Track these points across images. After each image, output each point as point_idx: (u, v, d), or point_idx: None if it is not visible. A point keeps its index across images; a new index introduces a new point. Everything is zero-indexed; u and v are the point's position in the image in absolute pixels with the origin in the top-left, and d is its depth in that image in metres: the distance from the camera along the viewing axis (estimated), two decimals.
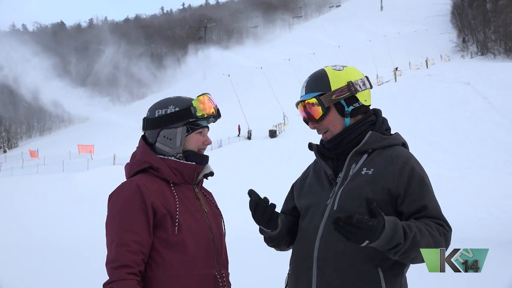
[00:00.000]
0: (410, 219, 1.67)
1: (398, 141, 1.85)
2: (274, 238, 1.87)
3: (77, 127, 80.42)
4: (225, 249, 2.02)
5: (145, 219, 1.82)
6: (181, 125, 1.96)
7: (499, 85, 33.43)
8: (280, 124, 37.51)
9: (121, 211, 1.83)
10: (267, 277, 2.62)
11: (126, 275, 1.73)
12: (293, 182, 2.07)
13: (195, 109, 1.97)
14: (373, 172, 1.74)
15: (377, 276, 1.65)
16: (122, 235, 1.78)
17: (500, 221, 12.56)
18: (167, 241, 1.83)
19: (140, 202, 1.83)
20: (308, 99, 1.86)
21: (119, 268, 1.73)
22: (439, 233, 1.62)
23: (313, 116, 1.85)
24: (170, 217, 1.85)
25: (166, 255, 1.82)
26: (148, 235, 1.82)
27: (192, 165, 1.95)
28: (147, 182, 1.88)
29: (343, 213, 1.55)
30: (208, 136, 2.05)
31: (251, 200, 1.75)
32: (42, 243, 12.38)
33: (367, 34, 69.36)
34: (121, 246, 1.77)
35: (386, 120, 1.93)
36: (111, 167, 30.43)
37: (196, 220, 1.91)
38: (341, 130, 1.84)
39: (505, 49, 77.95)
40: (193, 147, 1.99)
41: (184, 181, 1.95)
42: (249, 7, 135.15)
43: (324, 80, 1.86)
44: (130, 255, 1.75)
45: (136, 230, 1.80)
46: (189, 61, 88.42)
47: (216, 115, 2.03)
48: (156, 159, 1.94)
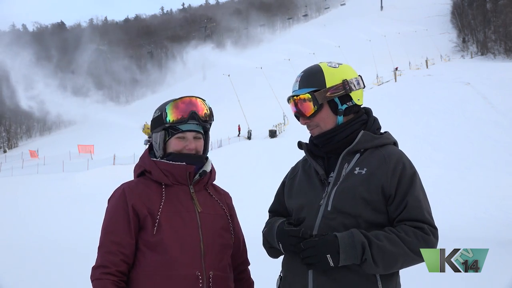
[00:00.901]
0: (394, 221, 1.70)
1: (389, 140, 1.85)
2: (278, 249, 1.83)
3: (77, 127, 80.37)
4: (220, 250, 1.96)
5: (126, 221, 1.88)
6: (159, 130, 2.01)
7: (499, 85, 33.42)
8: (280, 124, 37.52)
9: (106, 215, 1.94)
10: (266, 277, 2.62)
11: (102, 275, 1.81)
12: (282, 180, 2.05)
13: (166, 115, 1.99)
14: (367, 172, 1.73)
15: (373, 277, 1.65)
16: (102, 237, 1.89)
17: (500, 221, 12.56)
18: (147, 242, 1.87)
19: (123, 206, 1.91)
20: (301, 94, 1.85)
21: (96, 268, 1.84)
22: (416, 238, 1.62)
23: (306, 112, 1.84)
24: (151, 218, 1.88)
25: (147, 255, 1.86)
26: (129, 236, 1.87)
27: (182, 166, 1.95)
28: (136, 185, 1.97)
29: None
30: (192, 141, 2.00)
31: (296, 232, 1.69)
32: (42, 243, 12.37)
33: (367, 34, 69.26)
34: (100, 247, 1.88)
35: (377, 119, 1.93)
36: (111, 167, 30.46)
37: (184, 220, 1.91)
38: (331, 127, 1.83)
39: (505, 49, 77.88)
40: (173, 151, 2.00)
41: (176, 182, 1.96)
42: (249, 7, 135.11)
43: (319, 76, 1.85)
44: (107, 256, 1.84)
45: (116, 232, 1.87)
46: (189, 61, 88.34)
47: (196, 118, 1.98)
48: (149, 162, 2.00)
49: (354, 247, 1.59)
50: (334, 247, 1.59)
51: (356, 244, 1.59)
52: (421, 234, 1.63)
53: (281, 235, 1.73)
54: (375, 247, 1.59)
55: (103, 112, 54.25)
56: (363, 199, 1.69)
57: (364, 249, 1.59)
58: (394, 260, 1.60)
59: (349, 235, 1.61)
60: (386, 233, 1.63)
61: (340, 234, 1.62)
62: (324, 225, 1.70)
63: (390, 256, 1.59)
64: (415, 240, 1.61)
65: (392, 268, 1.63)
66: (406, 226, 1.65)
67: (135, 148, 26.88)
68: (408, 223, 1.66)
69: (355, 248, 1.59)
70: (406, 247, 1.60)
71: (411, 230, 1.63)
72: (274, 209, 2.02)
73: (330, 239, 1.61)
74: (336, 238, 1.61)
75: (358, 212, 1.69)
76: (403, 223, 1.67)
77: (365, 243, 1.59)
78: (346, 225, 1.68)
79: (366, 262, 1.59)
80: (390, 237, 1.61)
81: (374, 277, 1.65)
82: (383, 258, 1.59)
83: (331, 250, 1.59)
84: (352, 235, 1.61)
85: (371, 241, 1.60)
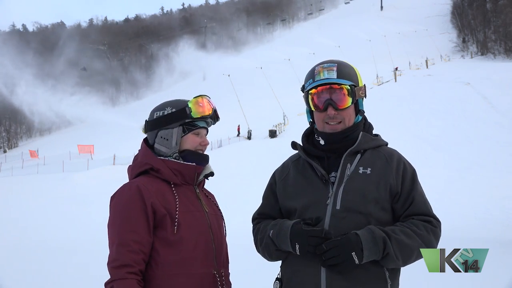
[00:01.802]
0: (401, 217, 1.76)
1: (384, 141, 1.93)
2: (285, 251, 1.81)
3: (77, 127, 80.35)
4: (225, 249, 2.04)
5: (145, 220, 1.85)
6: (177, 126, 2.00)
7: (499, 85, 33.37)
8: (280, 124, 37.49)
9: (122, 212, 1.87)
10: (266, 276, 2.62)
11: (127, 275, 1.76)
12: (268, 182, 2.02)
13: (190, 110, 2.00)
14: (372, 172, 1.78)
15: (383, 275, 1.69)
16: (122, 235, 1.82)
17: (500, 221, 12.57)
18: (166, 241, 1.86)
19: (140, 203, 1.86)
20: (344, 84, 1.83)
21: (120, 267, 1.77)
22: (426, 231, 1.70)
23: (341, 103, 1.83)
24: (170, 217, 1.88)
25: (165, 254, 1.85)
26: (148, 235, 1.85)
27: (192, 166, 1.98)
28: (148, 183, 1.92)
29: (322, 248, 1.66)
30: (205, 137, 2.07)
31: (318, 232, 1.67)
32: (42, 243, 12.38)
33: (367, 34, 69.27)
34: (122, 246, 1.80)
35: (371, 123, 2.00)
36: (111, 167, 30.43)
37: (197, 219, 1.94)
38: (351, 125, 1.87)
39: (505, 49, 77.79)
40: (189, 147, 2.02)
41: (185, 182, 1.98)
42: (249, 7, 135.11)
43: (353, 72, 1.90)
44: (130, 254, 1.79)
45: (136, 230, 1.83)
46: (189, 61, 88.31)
47: (214, 116, 2.06)
48: (156, 160, 1.97)
49: (376, 243, 1.63)
50: (357, 244, 1.62)
51: (377, 239, 1.63)
52: (430, 227, 1.72)
53: (299, 236, 1.69)
54: (394, 241, 1.64)
55: (103, 112, 54.28)
56: (373, 197, 1.74)
57: (385, 244, 1.63)
58: (411, 253, 1.67)
59: (368, 231, 1.65)
60: (401, 227, 1.69)
61: (360, 231, 1.65)
62: (334, 223, 1.71)
63: (408, 249, 1.66)
64: (425, 232, 1.69)
65: (409, 261, 1.70)
66: (416, 221, 1.72)
67: (135, 148, 26.66)
68: (416, 217, 1.73)
69: (376, 244, 1.63)
70: (419, 240, 1.67)
71: (421, 224, 1.71)
72: (263, 212, 1.98)
73: (352, 238, 1.63)
74: (357, 235, 1.63)
75: (368, 210, 1.73)
76: (411, 217, 1.74)
77: (385, 238, 1.64)
78: (357, 223, 1.70)
79: (388, 256, 1.64)
80: (405, 230, 1.68)
81: (383, 273, 1.69)
82: (402, 251, 1.65)
83: (355, 248, 1.62)
84: (372, 232, 1.65)
85: (390, 236, 1.65)
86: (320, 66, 1.88)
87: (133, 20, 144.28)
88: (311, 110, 1.91)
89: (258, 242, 1.92)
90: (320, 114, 1.85)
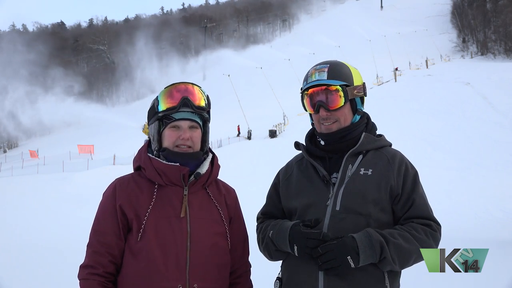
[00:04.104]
0: (401, 219, 1.74)
1: (387, 142, 1.90)
2: (284, 251, 1.81)
3: (77, 127, 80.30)
4: (212, 259, 1.80)
5: (114, 221, 1.78)
6: (153, 121, 1.87)
7: (499, 85, 33.37)
8: (280, 124, 37.47)
9: (97, 212, 1.85)
10: (266, 277, 2.61)
11: (88, 275, 1.73)
12: (273, 182, 2.02)
13: (158, 102, 1.85)
14: (373, 173, 1.76)
15: (382, 277, 1.67)
16: (91, 236, 1.81)
17: (500, 221, 12.57)
18: (130, 249, 1.76)
19: (112, 204, 1.81)
20: (333, 85, 1.83)
21: (84, 267, 1.76)
22: (426, 235, 1.67)
23: (332, 104, 1.83)
24: (137, 222, 1.76)
25: (128, 264, 1.76)
26: (117, 237, 1.77)
27: (176, 167, 1.80)
28: (129, 182, 1.85)
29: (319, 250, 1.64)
30: (186, 130, 1.83)
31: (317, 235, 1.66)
32: (42, 243, 12.38)
33: (367, 34, 69.27)
34: (88, 246, 1.80)
35: (375, 124, 1.98)
36: (111, 167, 30.40)
37: (172, 227, 1.76)
38: (348, 125, 1.85)
39: (505, 49, 77.76)
40: (167, 144, 1.84)
41: (170, 183, 1.82)
42: (249, 7, 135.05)
43: (347, 72, 1.87)
44: (94, 255, 1.76)
45: (104, 232, 1.78)
46: (189, 61, 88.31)
47: (185, 106, 1.81)
48: (144, 159, 1.87)
49: (372, 246, 1.61)
50: (353, 248, 1.60)
51: (374, 243, 1.61)
52: (430, 231, 1.69)
53: (298, 238, 1.68)
54: (391, 245, 1.62)
55: (103, 112, 54.22)
56: (373, 199, 1.72)
57: (382, 248, 1.61)
58: (409, 257, 1.65)
59: (365, 235, 1.63)
60: (399, 231, 1.67)
61: (356, 235, 1.63)
62: (334, 224, 1.70)
63: (405, 253, 1.64)
64: (424, 237, 1.67)
65: (407, 264, 1.68)
66: (415, 224, 1.70)
67: (135, 148, 26.68)
68: (416, 220, 1.71)
69: (373, 248, 1.61)
70: (418, 244, 1.65)
71: (420, 228, 1.69)
72: (267, 211, 1.98)
73: (348, 241, 1.61)
74: (354, 239, 1.62)
75: (368, 212, 1.71)
76: (411, 220, 1.72)
77: (383, 242, 1.62)
78: (357, 224, 1.69)
79: (384, 260, 1.62)
80: (404, 234, 1.66)
81: (382, 275, 1.67)
82: (399, 255, 1.63)
83: (351, 251, 1.60)
84: (369, 235, 1.63)
85: (388, 240, 1.63)
86: (313, 68, 1.90)
87: (133, 20, 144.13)
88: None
89: (260, 241, 1.92)
90: (315, 115, 1.87)
